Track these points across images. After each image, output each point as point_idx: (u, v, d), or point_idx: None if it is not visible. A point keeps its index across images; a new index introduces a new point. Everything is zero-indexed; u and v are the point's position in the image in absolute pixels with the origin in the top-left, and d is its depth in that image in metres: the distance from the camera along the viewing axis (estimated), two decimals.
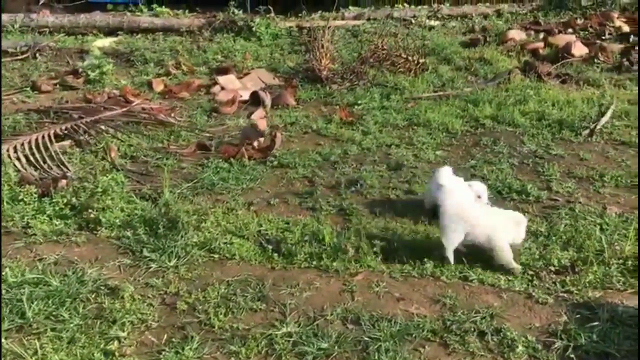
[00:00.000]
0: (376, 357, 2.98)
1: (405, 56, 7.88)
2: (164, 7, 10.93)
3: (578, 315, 3.27)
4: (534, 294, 3.47)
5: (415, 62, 7.80)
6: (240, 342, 3.09)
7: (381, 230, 4.20)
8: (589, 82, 7.17)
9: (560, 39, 8.34)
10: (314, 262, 3.79)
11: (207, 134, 6.02)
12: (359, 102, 6.75)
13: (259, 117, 6.17)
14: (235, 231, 4.13)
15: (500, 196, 4.65)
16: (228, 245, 3.95)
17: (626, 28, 9.06)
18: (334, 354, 3.02)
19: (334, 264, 3.76)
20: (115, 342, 3.07)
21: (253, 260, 3.83)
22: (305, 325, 3.21)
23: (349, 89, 7.30)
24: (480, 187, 4.21)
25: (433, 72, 7.79)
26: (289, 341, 3.09)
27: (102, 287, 3.50)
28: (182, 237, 3.94)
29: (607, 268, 3.65)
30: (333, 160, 5.31)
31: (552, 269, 3.66)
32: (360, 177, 4.94)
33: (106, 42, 9.58)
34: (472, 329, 3.17)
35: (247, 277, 3.64)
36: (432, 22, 10.46)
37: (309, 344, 3.06)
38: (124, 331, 3.14)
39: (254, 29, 9.67)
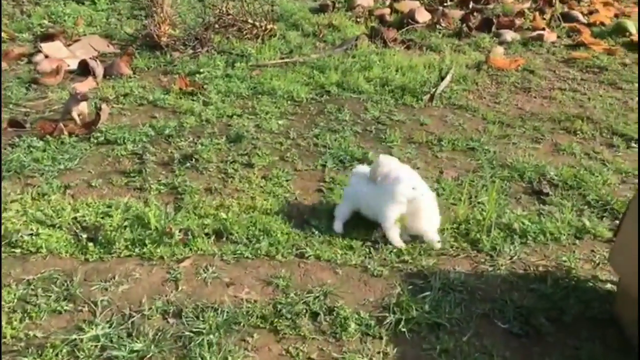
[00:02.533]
0: (197, 353, 2.67)
1: (252, 22, 7.48)
2: None
3: (411, 286, 3.18)
4: (369, 266, 3.35)
5: (263, 28, 7.45)
6: (36, 353, 2.64)
7: (216, 208, 3.87)
8: (431, 47, 7.27)
9: (405, 5, 8.39)
10: (136, 250, 3.39)
11: (24, 109, 5.27)
12: (202, 70, 6.30)
13: (84, 87, 5.51)
14: (45, 220, 3.60)
15: (342, 165, 4.50)
16: (34, 237, 3.42)
17: None
18: (149, 355, 2.67)
19: (159, 250, 3.38)
20: None
21: (63, 252, 3.35)
22: (119, 325, 2.83)
23: (192, 56, 6.80)
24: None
25: (281, 39, 7.49)
26: (96, 346, 2.69)
27: None
28: None
29: (441, 234, 3.61)
30: (167, 134, 4.86)
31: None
32: (196, 152, 4.55)
33: None
34: (305, 311, 2.97)
35: (53, 273, 3.16)
36: None
37: (120, 346, 2.69)
38: None
39: None
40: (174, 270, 3.25)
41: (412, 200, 3.45)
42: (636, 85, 6.25)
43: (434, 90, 5.72)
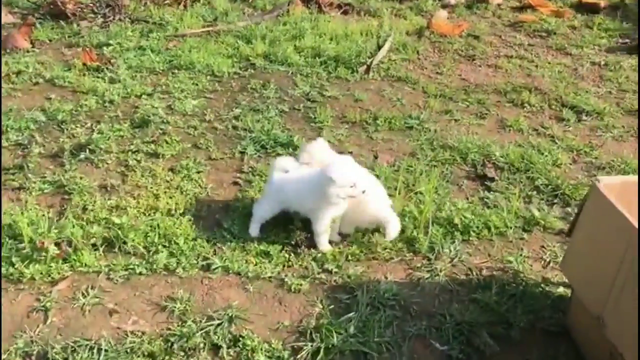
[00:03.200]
0: None
1: None
2: None
3: (334, 304, 2.69)
4: (287, 279, 2.83)
5: None
6: None
7: (109, 210, 3.27)
8: (370, 12, 6.68)
9: None
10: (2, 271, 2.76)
11: None
12: (111, 42, 5.55)
13: None
14: None
15: (264, 151, 3.94)
16: None
17: None
18: None
19: (29, 269, 2.76)
20: None
21: None
22: None
23: (102, 26, 6.03)
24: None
25: (205, 4, 6.76)
26: None
27: None
28: None
29: (371, 234, 3.11)
30: (61, 120, 4.17)
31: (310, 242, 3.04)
32: (92, 140, 3.90)
33: None
34: (203, 344, 2.44)
35: None
36: None
37: None
38: None
39: None
40: (44, 297, 2.65)
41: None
42: (586, 50, 5.85)
43: (370, 60, 5.17)
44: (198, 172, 3.69)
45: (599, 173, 3.83)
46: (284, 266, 2.94)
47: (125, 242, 3.02)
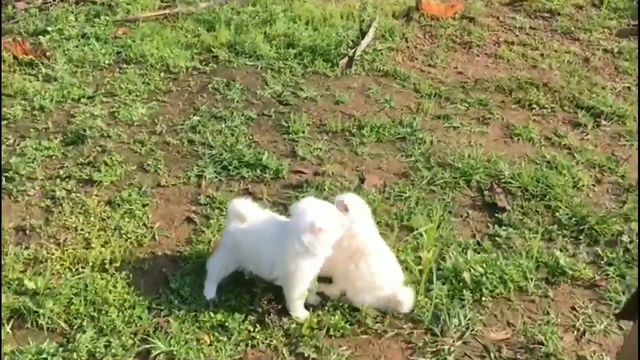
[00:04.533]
0: None
1: None
2: None
3: None
4: None
5: None
6: None
7: (24, 266, 2.57)
8: None
9: None
10: None
11: None
12: (50, 29, 4.72)
13: None
14: None
15: (226, 173, 3.23)
16: None
17: None
18: None
19: None
20: None
21: None
22: None
23: (41, 8, 5.16)
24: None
25: None
26: None
27: None
28: None
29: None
30: None
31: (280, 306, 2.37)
32: (11, 165, 3.15)
33: None
34: None
35: None
36: None
37: None
38: None
39: None
40: None
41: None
42: (595, 35, 5.16)
43: (353, 51, 4.43)
44: (143, 206, 2.99)
45: (627, 197, 3.20)
46: (246, 345, 2.29)
47: (39, 315, 2.32)
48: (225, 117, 3.72)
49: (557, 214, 3.02)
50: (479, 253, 2.72)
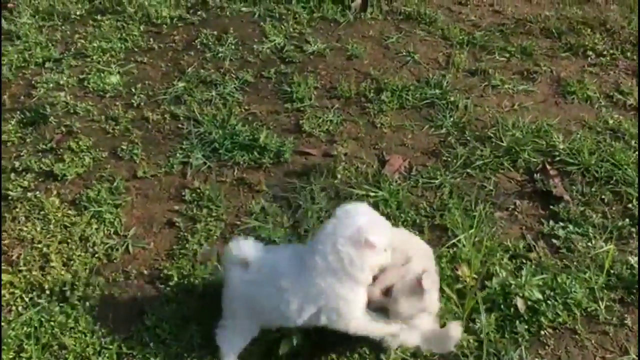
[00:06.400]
0: None
1: None
2: None
3: None
4: None
5: None
6: None
7: None
8: None
9: None
10: None
11: None
12: None
13: None
14: None
15: (216, 158, 2.65)
16: None
17: None
18: None
19: None
20: None
21: None
22: None
23: None
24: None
25: None
26: None
27: None
28: None
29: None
30: None
31: None
32: None
33: None
34: None
35: None
36: None
37: None
38: None
39: None
40: None
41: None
42: None
43: None
44: (115, 207, 2.44)
45: None
46: None
47: None
48: (216, 82, 3.10)
49: (629, 204, 2.41)
50: (532, 266, 2.14)
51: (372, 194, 2.46)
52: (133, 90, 3.05)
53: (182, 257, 2.25)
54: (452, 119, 2.85)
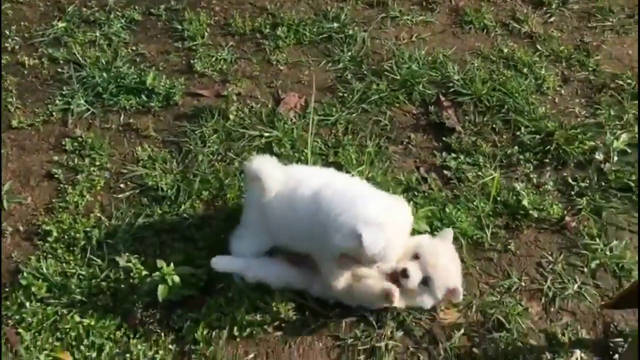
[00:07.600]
0: None
1: None
2: None
3: None
4: None
5: None
6: None
7: None
8: None
9: None
10: None
11: None
12: None
13: None
14: None
15: (100, 103, 2.49)
16: None
17: None
18: None
19: None
20: None
21: None
22: None
23: None
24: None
25: None
26: None
27: None
28: None
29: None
30: None
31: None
32: None
33: None
34: None
35: None
36: None
37: None
38: None
39: None
40: None
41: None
42: None
43: None
44: None
45: (599, 97, 2.63)
46: None
47: None
48: (100, 21, 2.88)
49: (517, 132, 2.44)
50: (421, 198, 2.15)
51: (265, 134, 2.39)
52: (7, 32, 2.80)
53: (62, 210, 2.12)
54: (349, 54, 2.78)
